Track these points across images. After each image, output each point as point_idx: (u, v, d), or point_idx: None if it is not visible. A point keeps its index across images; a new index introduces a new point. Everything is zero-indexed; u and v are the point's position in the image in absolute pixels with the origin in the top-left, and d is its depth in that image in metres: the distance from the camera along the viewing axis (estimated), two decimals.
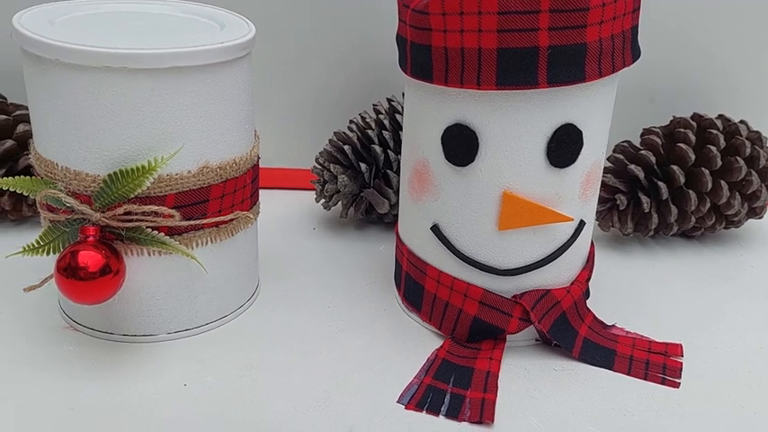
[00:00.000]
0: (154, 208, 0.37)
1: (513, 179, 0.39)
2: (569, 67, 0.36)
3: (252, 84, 0.42)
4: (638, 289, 0.51)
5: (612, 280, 0.52)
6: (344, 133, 0.57)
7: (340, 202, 0.57)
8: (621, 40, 0.37)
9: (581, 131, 0.38)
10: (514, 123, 0.38)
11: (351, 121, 0.58)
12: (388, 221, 0.59)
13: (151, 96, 0.36)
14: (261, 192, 0.47)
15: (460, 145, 0.39)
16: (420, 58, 0.38)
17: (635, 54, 0.39)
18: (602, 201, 0.56)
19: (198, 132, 0.38)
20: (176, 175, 0.38)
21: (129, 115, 0.36)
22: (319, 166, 0.56)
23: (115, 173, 0.37)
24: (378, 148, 0.55)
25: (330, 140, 0.57)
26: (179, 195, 0.39)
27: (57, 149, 0.38)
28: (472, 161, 0.39)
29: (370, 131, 0.56)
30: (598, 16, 0.35)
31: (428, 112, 0.40)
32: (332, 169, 0.55)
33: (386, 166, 0.55)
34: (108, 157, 0.37)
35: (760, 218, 0.57)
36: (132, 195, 0.37)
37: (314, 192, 0.58)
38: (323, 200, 0.57)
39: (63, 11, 0.41)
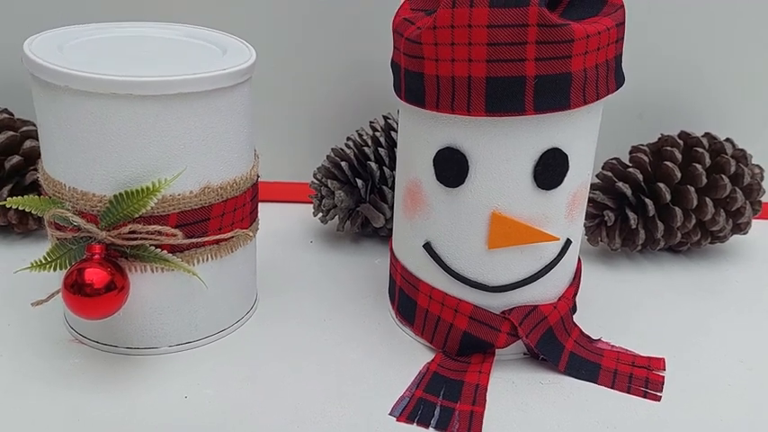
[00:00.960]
0: (158, 228, 0.39)
1: (502, 200, 0.40)
2: (555, 95, 0.38)
3: (252, 106, 0.44)
4: (625, 303, 0.53)
5: (600, 294, 0.54)
6: (342, 149, 0.59)
7: (337, 216, 0.59)
8: (605, 69, 0.39)
9: (566, 155, 0.40)
10: (503, 147, 0.39)
11: (348, 138, 0.60)
12: (383, 235, 0.60)
13: (156, 121, 0.38)
14: (260, 205, 0.48)
15: (451, 167, 0.41)
16: (413, 84, 0.40)
17: (619, 81, 0.41)
18: (590, 216, 0.58)
19: (200, 154, 0.40)
20: (179, 195, 0.40)
21: (135, 139, 0.38)
22: (317, 182, 0.58)
23: (121, 194, 0.39)
24: (374, 165, 0.56)
25: (328, 156, 0.59)
26: (181, 214, 0.40)
27: (65, 171, 0.40)
28: (462, 183, 0.41)
29: (366, 148, 0.57)
30: (583, 47, 0.37)
31: (421, 135, 0.42)
32: (329, 185, 0.57)
33: (381, 181, 0.57)
34: (114, 179, 0.39)
35: (744, 233, 0.59)
36: (137, 215, 0.39)
37: (311, 205, 0.59)
38: (320, 214, 0.59)
39: (72, 36, 0.43)
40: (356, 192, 0.57)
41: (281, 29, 0.61)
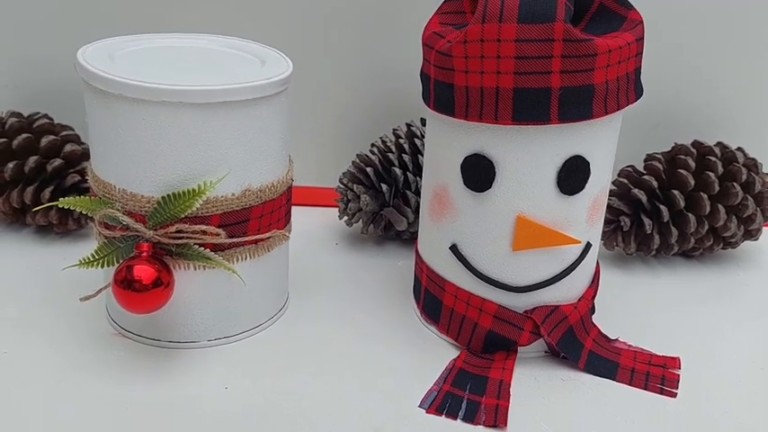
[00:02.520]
0: (202, 227, 0.41)
1: (527, 205, 0.43)
2: (578, 105, 0.40)
3: (289, 114, 0.46)
4: (640, 306, 0.55)
5: (616, 297, 0.56)
6: (366, 155, 0.61)
7: (361, 220, 0.61)
8: (626, 82, 0.41)
9: (588, 162, 0.42)
10: (528, 155, 0.42)
11: (372, 145, 0.62)
12: (406, 238, 0.63)
13: (202, 127, 0.41)
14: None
15: (479, 173, 0.43)
16: (443, 94, 0.43)
17: (638, 93, 0.43)
18: (607, 222, 0.60)
19: (242, 159, 0.43)
20: (222, 197, 0.42)
21: (183, 144, 0.41)
22: (343, 186, 0.61)
23: (168, 195, 0.41)
24: (398, 170, 0.59)
25: (353, 162, 0.61)
26: (224, 215, 0.43)
27: (115, 173, 0.42)
28: (489, 188, 0.43)
29: (390, 154, 0.60)
30: (605, 61, 0.39)
31: (449, 142, 0.44)
32: (355, 189, 0.59)
33: (405, 186, 0.59)
34: (162, 181, 0.41)
35: (755, 239, 0.61)
36: (183, 215, 0.41)
37: (337, 209, 0.62)
38: (346, 217, 0.61)
39: (119, 46, 0.46)
40: (381, 196, 0.59)
41: (309, 40, 0.64)
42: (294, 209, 0.65)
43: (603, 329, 0.50)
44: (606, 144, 0.43)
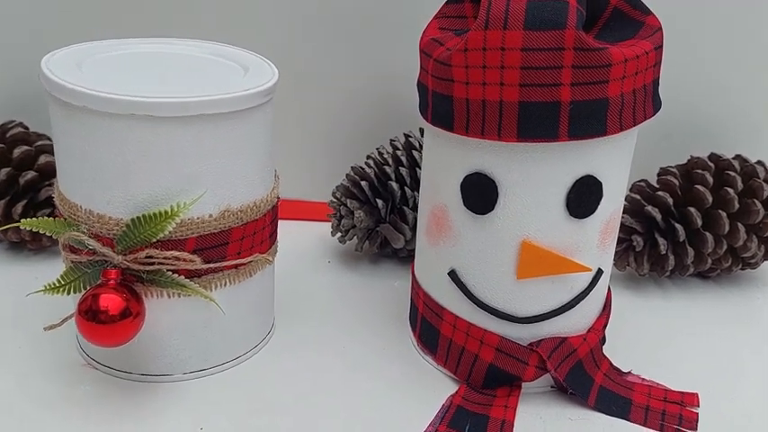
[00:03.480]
0: (175, 253, 0.38)
1: (533, 229, 0.39)
2: (591, 121, 0.36)
3: (273, 126, 0.43)
4: (653, 332, 0.51)
5: (628, 322, 0.52)
6: (362, 168, 0.57)
7: (356, 237, 0.57)
8: (643, 94, 0.38)
9: (601, 183, 0.39)
10: (534, 174, 0.38)
11: (368, 157, 0.58)
12: (403, 256, 0.59)
13: (176, 143, 0.37)
14: (279, 223, 0.47)
15: (480, 193, 0.39)
16: (441, 107, 0.39)
17: (656, 106, 0.39)
18: (618, 240, 0.56)
19: (220, 177, 0.39)
20: (198, 218, 0.39)
21: (153, 161, 0.37)
22: (336, 201, 0.57)
23: (138, 218, 0.37)
24: (395, 185, 0.55)
25: (347, 175, 0.58)
26: (200, 238, 0.39)
27: (81, 192, 0.39)
28: (492, 210, 0.39)
29: (387, 167, 0.56)
30: (620, 72, 0.35)
31: (448, 159, 0.40)
32: (348, 204, 0.55)
33: (402, 202, 0.55)
34: (131, 202, 0.38)
35: None
36: (154, 240, 0.38)
37: (330, 224, 0.58)
38: (339, 234, 0.57)
39: (92, 52, 0.42)
40: (376, 212, 0.56)
41: (301, 43, 0.60)
42: (285, 224, 0.61)
43: (614, 358, 0.46)
44: (620, 162, 0.40)
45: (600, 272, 0.42)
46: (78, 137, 0.37)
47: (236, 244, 0.41)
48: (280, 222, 0.48)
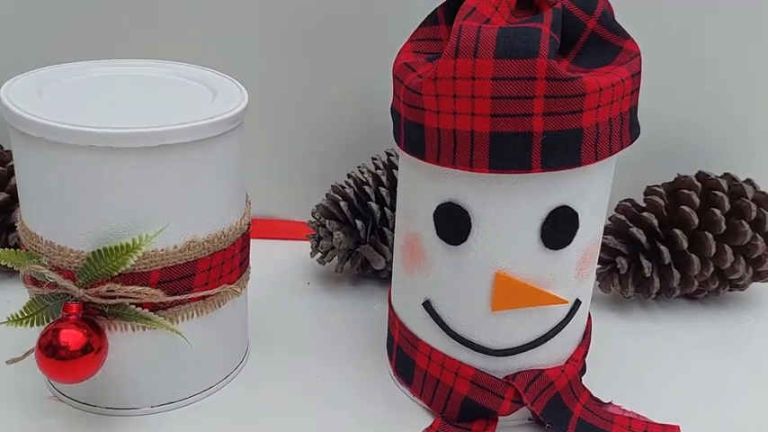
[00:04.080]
0: (137, 288, 0.36)
1: (507, 260, 0.38)
2: (564, 152, 0.35)
3: (243, 151, 0.42)
4: (637, 358, 0.50)
5: (611, 346, 0.50)
6: (342, 187, 0.56)
7: (336, 257, 0.56)
8: (619, 123, 0.36)
9: (577, 213, 0.37)
10: (508, 205, 0.37)
11: (348, 176, 0.57)
12: (384, 277, 0.58)
13: (137, 174, 0.36)
14: (257, 242, 0.46)
15: (453, 223, 0.38)
16: (413, 135, 0.38)
17: (633, 134, 0.38)
18: (602, 262, 0.55)
19: (185, 207, 0.38)
20: (162, 250, 0.38)
21: (114, 193, 0.36)
22: (315, 222, 0.56)
23: (99, 250, 0.36)
24: (374, 206, 0.54)
25: (327, 194, 0.56)
26: (164, 270, 0.38)
27: (41, 223, 0.37)
28: (465, 240, 0.38)
29: (367, 187, 0.55)
30: (595, 101, 0.34)
31: (421, 187, 0.39)
32: (327, 225, 0.54)
33: (382, 223, 0.54)
34: (92, 234, 0.37)
35: (765, 281, 0.56)
36: (115, 273, 0.37)
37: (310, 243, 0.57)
38: (318, 255, 0.56)
39: (53, 77, 0.41)
40: (356, 233, 0.55)
41: (278, 56, 0.59)
42: (264, 243, 0.61)
43: (595, 386, 0.44)
44: (597, 192, 0.38)
45: (578, 302, 0.40)
46: (37, 167, 0.36)
47: (202, 275, 0.40)
48: (258, 242, 0.46)
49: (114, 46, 0.57)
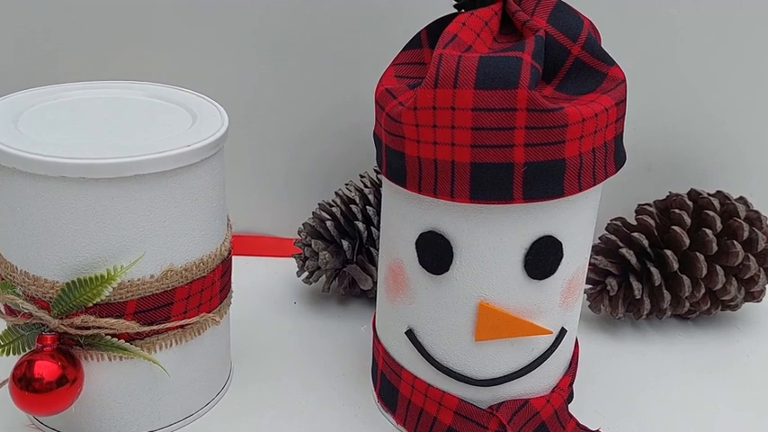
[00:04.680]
0: (111, 321, 0.36)
1: (490, 290, 0.37)
2: (547, 182, 0.34)
3: (224, 175, 0.41)
4: (627, 382, 0.49)
5: (601, 368, 0.50)
6: (329, 204, 0.56)
7: (324, 275, 0.55)
8: (603, 152, 0.36)
9: (560, 243, 0.37)
10: (490, 235, 0.36)
11: (336, 194, 0.56)
12: (372, 296, 0.57)
13: (111, 204, 0.35)
14: (243, 259, 0.45)
15: (435, 253, 0.37)
16: (394, 162, 0.37)
17: (618, 162, 0.37)
18: (592, 282, 0.54)
19: (162, 236, 0.37)
20: (138, 280, 0.37)
21: (88, 223, 0.35)
22: (300, 241, 0.55)
23: (73, 281, 0.36)
24: (361, 225, 0.53)
25: (313, 213, 0.56)
26: (141, 300, 0.37)
27: (16, 253, 0.37)
28: (447, 270, 0.37)
29: (353, 206, 0.54)
30: (578, 131, 0.33)
31: (403, 214, 0.38)
32: (313, 245, 0.53)
33: (369, 242, 0.54)
34: (67, 264, 0.36)
35: (758, 302, 0.55)
36: (91, 304, 0.36)
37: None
38: (305, 274, 0.56)
39: (29, 101, 0.40)
40: (342, 252, 0.54)
41: (264, 67, 0.58)
42: (250, 261, 0.60)
43: (584, 410, 0.44)
44: (582, 221, 0.38)
45: (563, 331, 0.40)
46: (10, 197, 0.36)
47: (181, 303, 0.39)
48: (243, 259, 0.46)
49: (91, 66, 0.56)
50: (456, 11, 0.39)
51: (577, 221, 0.37)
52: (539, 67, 0.34)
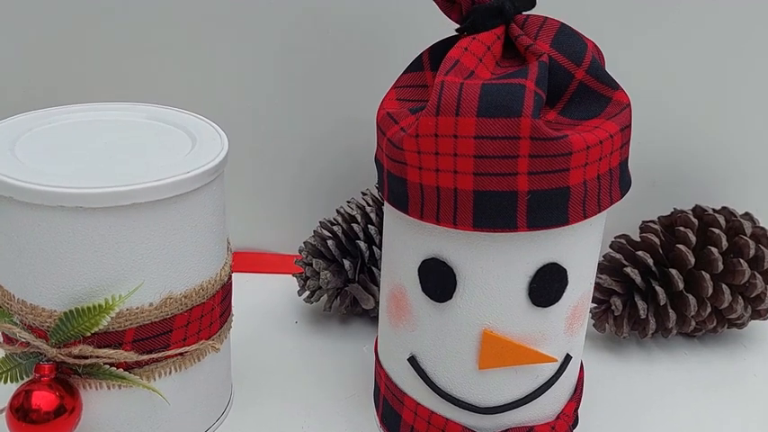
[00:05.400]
0: (109, 352, 0.35)
1: (494, 318, 0.36)
2: (551, 211, 0.33)
3: (224, 199, 0.40)
4: (632, 403, 0.48)
5: (606, 389, 0.49)
6: (330, 222, 0.55)
7: (326, 294, 0.55)
8: (608, 179, 0.35)
9: (565, 270, 0.36)
10: (494, 262, 0.35)
11: (337, 211, 0.56)
12: (375, 315, 0.56)
13: (109, 233, 0.34)
14: (244, 276, 0.44)
15: (438, 280, 0.37)
16: (396, 188, 0.36)
17: (623, 188, 0.37)
18: (597, 301, 0.53)
19: (160, 264, 0.36)
20: (137, 308, 0.36)
21: (86, 252, 0.35)
22: (302, 260, 0.54)
23: (71, 311, 0.35)
24: (362, 244, 0.53)
25: (315, 231, 0.55)
26: (139, 329, 0.37)
27: (13, 281, 0.36)
28: (450, 298, 0.37)
29: (355, 224, 0.54)
30: (582, 159, 0.33)
31: (405, 240, 0.38)
32: (314, 265, 0.53)
33: (371, 261, 0.53)
34: (64, 294, 0.35)
35: (765, 319, 0.54)
36: (89, 333, 0.35)
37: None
38: (306, 293, 0.55)
39: (27, 125, 0.40)
40: (344, 272, 0.53)
41: (267, 82, 0.57)
42: (251, 278, 0.60)
43: (590, 428, 0.43)
44: (587, 247, 0.37)
45: (568, 358, 0.39)
46: (7, 226, 0.35)
47: (180, 331, 0.38)
48: (244, 276, 0.45)
49: (89, 87, 0.56)
50: (456, 29, 0.38)
51: (582, 248, 0.37)
52: (542, 93, 0.33)
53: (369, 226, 0.53)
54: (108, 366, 0.37)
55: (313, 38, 0.56)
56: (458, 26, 0.38)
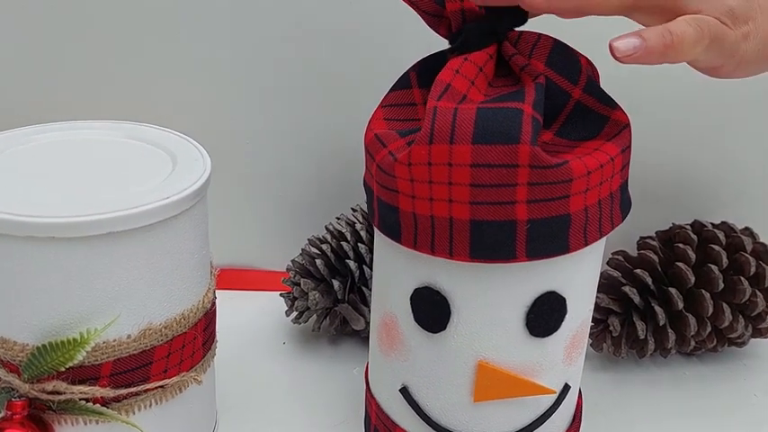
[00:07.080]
0: (83, 389, 0.33)
1: (489, 349, 0.35)
2: (551, 239, 0.32)
3: (205, 224, 0.39)
4: (630, 420, 0.47)
5: (604, 412, 0.48)
6: (319, 240, 0.53)
7: (315, 314, 0.53)
8: (609, 203, 0.33)
9: (564, 299, 0.35)
10: (490, 292, 0.34)
11: (326, 228, 0.54)
12: (365, 336, 0.55)
13: (84, 263, 0.33)
14: (230, 294, 0.42)
15: (431, 309, 0.35)
16: (388, 217, 0.35)
17: (624, 210, 0.35)
18: (594, 321, 0.52)
19: (139, 294, 0.35)
20: (114, 341, 0.34)
21: (59, 283, 0.33)
22: (289, 279, 0.53)
23: (44, 345, 0.33)
24: (352, 264, 0.51)
25: (303, 250, 0.53)
26: (117, 362, 0.35)
27: None
28: (444, 329, 0.35)
29: (344, 243, 0.52)
30: (583, 185, 0.31)
31: (397, 267, 0.36)
32: (302, 285, 0.51)
33: (361, 281, 0.51)
34: (37, 327, 0.33)
35: (765, 338, 0.53)
36: (63, 368, 0.34)
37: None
38: (294, 314, 0.53)
39: (1, 145, 0.38)
40: (333, 291, 0.52)
41: (251, 102, 0.56)
42: (238, 296, 0.58)
43: None
44: (587, 274, 0.35)
45: (567, 387, 0.38)
46: None
47: (160, 362, 0.37)
48: (230, 293, 0.43)
49: (68, 104, 0.54)
50: (446, 49, 0.36)
51: (582, 275, 0.35)
52: (539, 117, 0.31)
53: (359, 244, 0.52)
54: (84, 402, 0.35)
55: (299, 52, 0.54)
56: (449, 43, 0.36)
